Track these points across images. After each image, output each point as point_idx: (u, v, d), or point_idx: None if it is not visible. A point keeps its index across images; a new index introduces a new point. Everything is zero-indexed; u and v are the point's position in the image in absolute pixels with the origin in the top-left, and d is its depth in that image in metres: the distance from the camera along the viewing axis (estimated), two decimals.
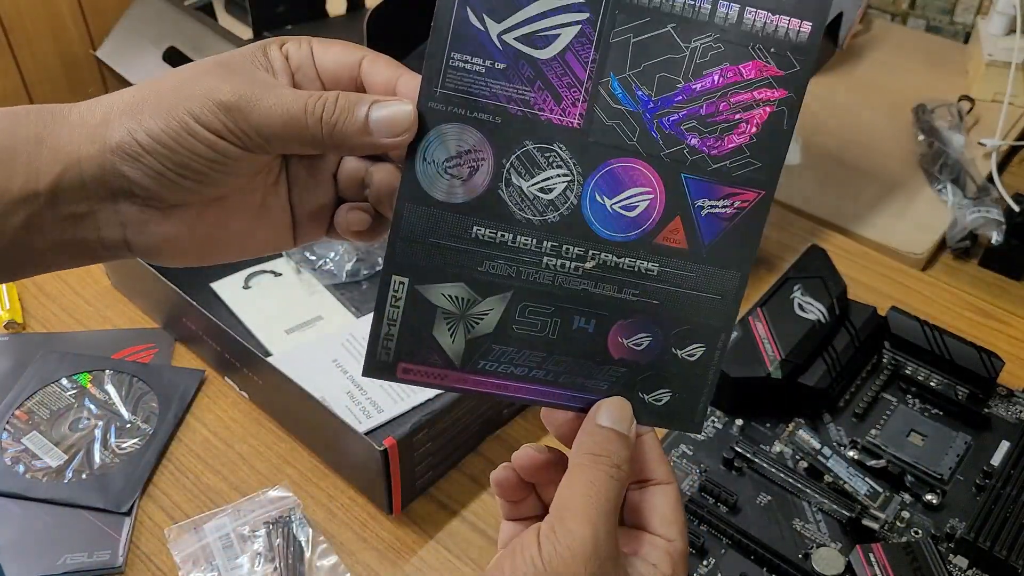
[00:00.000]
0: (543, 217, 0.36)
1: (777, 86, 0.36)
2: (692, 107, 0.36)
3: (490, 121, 0.35)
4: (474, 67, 0.35)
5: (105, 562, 0.59)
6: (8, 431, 0.66)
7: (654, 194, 0.36)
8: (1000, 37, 1.07)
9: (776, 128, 0.36)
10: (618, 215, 0.36)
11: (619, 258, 0.36)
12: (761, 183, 0.36)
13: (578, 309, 0.37)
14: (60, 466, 0.64)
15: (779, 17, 0.35)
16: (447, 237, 0.36)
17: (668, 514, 0.38)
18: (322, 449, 0.65)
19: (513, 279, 0.36)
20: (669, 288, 0.37)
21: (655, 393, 0.38)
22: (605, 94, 0.35)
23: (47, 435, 0.66)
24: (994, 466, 0.62)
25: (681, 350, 0.38)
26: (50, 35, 1.21)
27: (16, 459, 0.64)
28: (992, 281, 0.84)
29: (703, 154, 0.36)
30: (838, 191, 0.92)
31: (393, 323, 0.36)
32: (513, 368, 0.37)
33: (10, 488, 0.63)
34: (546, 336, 0.37)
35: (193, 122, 0.34)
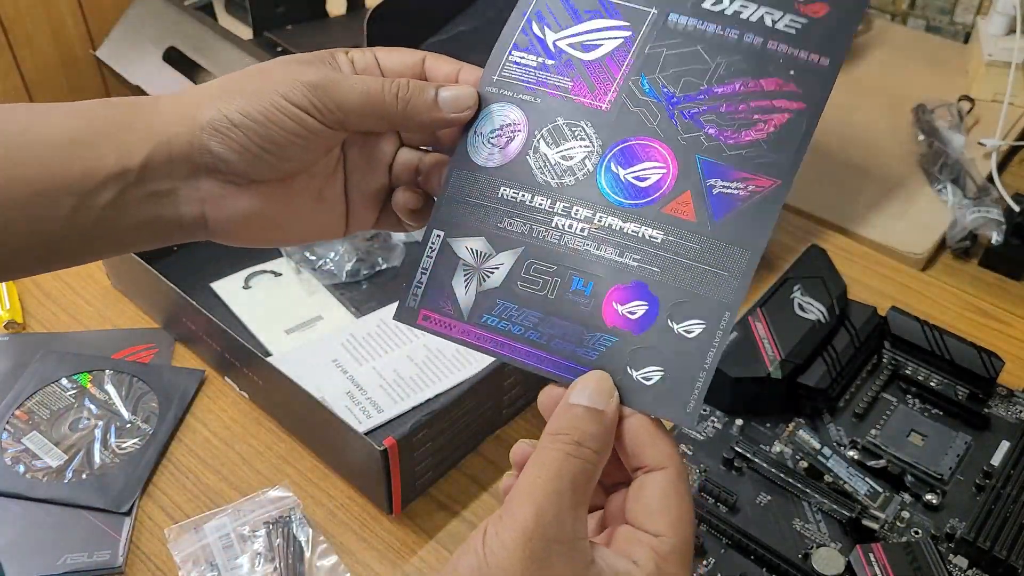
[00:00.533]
0: (560, 180, 0.39)
1: (796, 100, 0.38)
2: (713, 104, 0.38)
3: (531, 101, 0.41)
4: (527, 62, 0.41)
5: (105, 562, 0.59)
6: (8, 431, 0.66)
7: (667, 169, 0.38)
8: (1000, 37, 1.07)
9: (794, 129, 0.37)
10: (629, 184, 0.38)
11: (624, 222, 0.37)
12: (778, 173, 0.37)
13: (578, 270, 0.37)
14: (60, 466, 0.64)
15: (799, 51, 0.38)
16: (480, 196, 0.40)
17: (654, 504, 0.34)
18: (322, 449, 0.65)
19: (525, 236, 0.38)
20: (672, 257, 0.37)
21: (645, 370, 0.36)
22: (634, 88, 0.39)
23: (47, 435, 0.66)
24: (994, 466, 0.63)
25: (678, 324, 0.36)
26: (50, 35, 1.21)
27: (16, 459, 0.64)
28: (992, 281, 0.84)
29: (719, 142, 0.38)
30: (838, 191, 0.92)
31: (425, 272, 0.40)
32: (511, 326, 0.38)
33: (10, 488, 0.63)
34: (545, 295, 0.38)
35: (282, 99, 0.38)
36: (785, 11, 0.38)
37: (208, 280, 0.78)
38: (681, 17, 0.40)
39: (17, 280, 0.78)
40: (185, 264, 0.78)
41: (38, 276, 0.79)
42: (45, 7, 1.21)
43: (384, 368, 0.70)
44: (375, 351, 0.71)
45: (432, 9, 0.89)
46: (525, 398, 0.68)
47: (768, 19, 0.39)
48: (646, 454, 0.35)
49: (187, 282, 0.72)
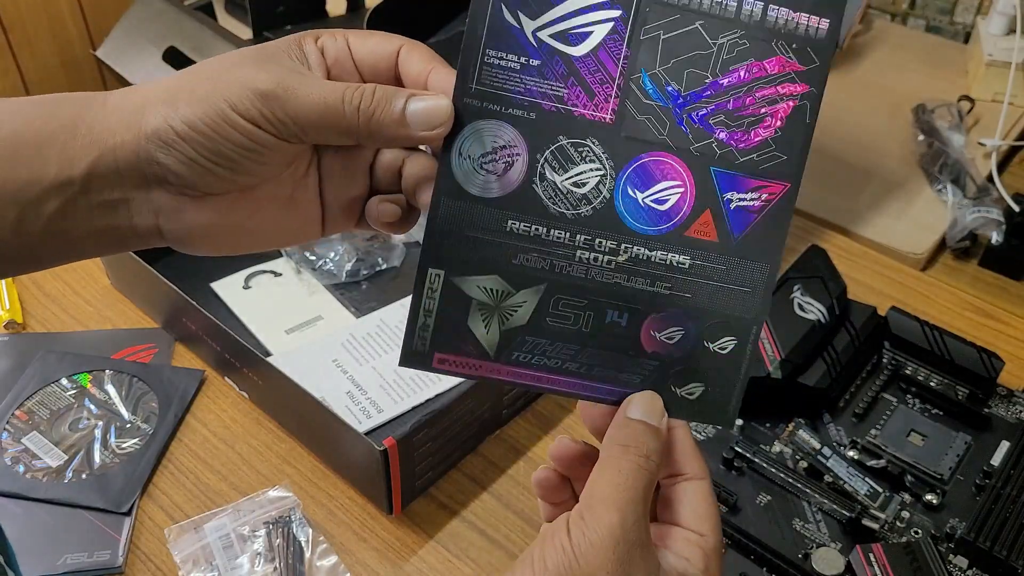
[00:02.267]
0: (576, 211, 0.36)
1: (799, 80, 0.37)
2: (720, 101, 0.36)
3: (524, 117, 0.36)
4: (508, 63, 0.36)
5: (105, 562, 0.59)
6: (8, 431, 0.66)
7: (684, 188, 0.37)
8: (1000, 37, 1.07)
9: (799, 121, 0.37)
10: (650, 208, 0.37)
11: (651, 251, 0.37)
12: (787, 175, 0.37)
13: (611, 303, 0.37)
14: (60, 466, 0.64)
15: (799, 14, 0.36)
16: (482, 231, 0.36)
17: (700, 509, 0.37)
18: (322, 449, 0.65)
19: (547, 272, 0.37)
20: (700, 281, 0.37)
21: (687, 387, 0.38)
22: (636, 89, 0.36)
23: (47, 435, 0.66)
24: (994, 466, 0.62)
25: (713, 343, 0.38)
26: (50, 35, 1.21)
27: (16, 459, 0.64)
28: (992, 281, 0.84)
29: (731, 147, 0.37)
30: (838, 191, 0.92)
31: (429, 314, 0.37)
32: (547, 360, 0.37)
33: (10, 488, 0.63)
34: (579, 329, 0.37)
35: (230, 110, 0.35)
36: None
37: (208, 280, 0.78)
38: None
39: (17, 280, 0.78)
40: (185, 264, 0.78)
41: (38, 276, 0.79)
42: (45, 7, 1.21)
43: (384, 368, 0.70)
44: (375, 351, 0.71)
45: (432, 9, 0.90)
46: (525, 398, 0.68)
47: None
48: (689, 464, 0.38)
49: (187, 282, 0.72)
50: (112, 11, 1.25)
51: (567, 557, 0.33)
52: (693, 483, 0.38)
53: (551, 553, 0.34)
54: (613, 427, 0.37)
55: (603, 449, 0.37)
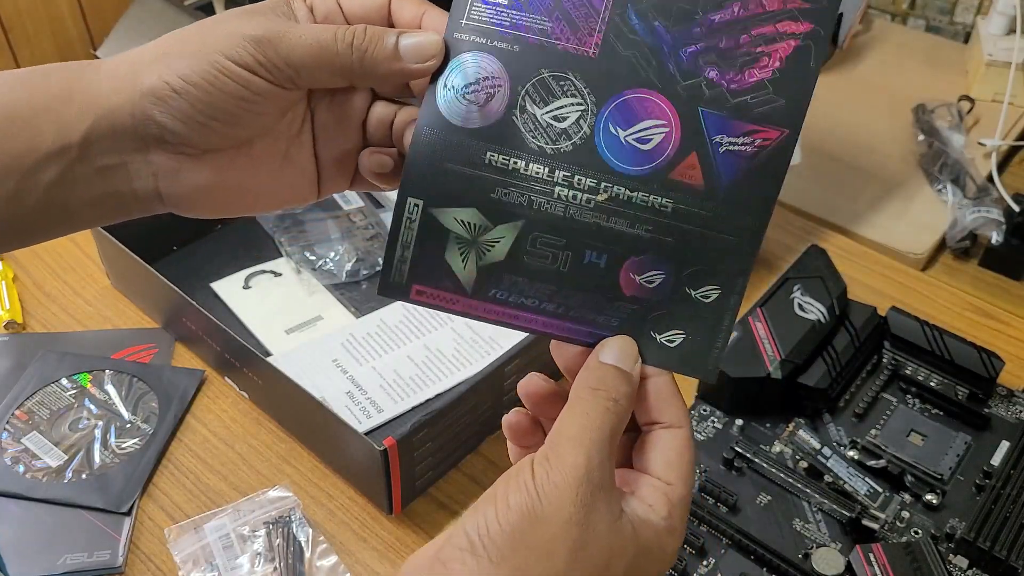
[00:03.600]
0: (556, 146, 0.36)
1: (802, 19, 0.34)
2: (711, 40, 0.35)
3: (508, 49, 0.36)
4: (497, 0, 0.36)
5: (105, 562, 0.59)
6: (8, 431, 0.66)
7: (670, 128, 0.35)
8: (1000, 37, 1.07)
9: (802, 63, 0.34)
10: (632, 147, 0.35)
11: (632, 192, 0.36)
12: (785, 122, 0.35)
13: (590, 243, 0.36)
14: (60, 466, 0.64)
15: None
16: (461, 162, 0.36)
17: (671, 457, 0.36)
18: (322, 449, 0.65)
19: (525, 208, 0.36)
20: (683, 226, 0.36)
21: (668, 333, 0.37)
22: (622, 24, 0.35)
23: (47, 435, 0.66)
24: (994, 466, 0.63)
25: (695, 290, 0.36)
26: (50, 35, 1.21)
27: (16, 459, 0.64)
28: (992, 281, 0.84)
29: (722, 88, 0.35)
30: (838, 191, 0.92)
31: (407, 246, 0.37)
32: (524, 299, 0.37)
33: (10, 488, 0.63)
34: (557, 268, 0.36)
35: (223, 59, 0.35)
36: None
37: (208, 280, 0.78)
38: None
39: (17, 280, 0.78)
40: (185, 264, 0.78)
41: (38, 276, 0.79)
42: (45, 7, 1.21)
43: (384, 368, 0.70)
44: (375, 351, 0.71)
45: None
46: None
47: None
48: (666, 412, 0.37)
49: (187, 282, 0.72)
50: (112, 11, 1.25)
51: (530, 497, 0.33)
52: (669, 431, 0.37)
53: (514, 492, 0.33)
54: (584, 369, 0.36)
55: (572, 391, 0.36)
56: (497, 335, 0.72)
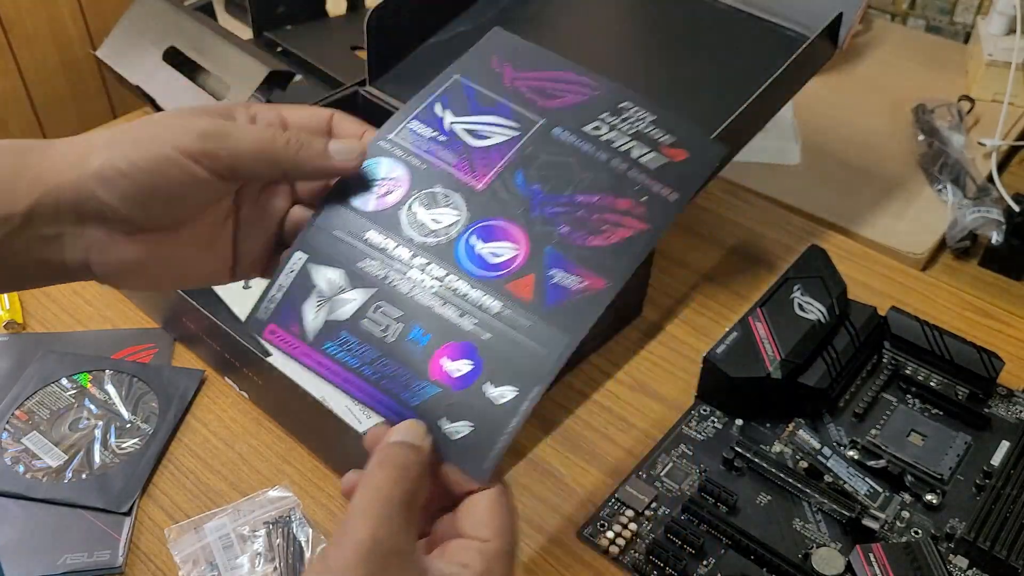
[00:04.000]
0: (424, 239, 0.43)
1: (642, 221, 0.43)
2: (572, 209, 0.44)
3: (417, 165, 0.45)
4: (422, 132, 0.46)
5: (105, 562, 0.59)
6: (8, 431, 0.66)
7: (519, 253, 0.42)
8: (1000, 37, 1.07)
9: (635, 245, 0.43)
10: (483, 257, 0.42)
11: (470, 288, 0.42)
12: (610, 276, 0.42)
13: (421, 321, 0.41)
14: (60, 466, 0.64)
15: (655, 181, 0.44)
16: (347, 233, 0.43)
17: (482, 516, 0.38)
18: (322, 449, 0.65)
19: (380, 279, 0.42)
20: (503, 327, 0.41)
21: (456, 424, 0.39)
22: (509, 178, 0.44)
23: (47, 435, 0.66)
24: (994, 466, 0.63)
25: (494, 388, 0.40)
26: (50, 35, 1.21)
27: (16, 459, 0.64)
28: (992, 281, 0.84)
29: (569, 241, 0.43)
30: (838, 191, 0.92)
31: (281, 288, 0.43)
32: (349, 357, 0.41)
33: (10, 488, 0.63)
34: (384, 337, 0.41)
35: (171, 148, 0.39)
36: (651, 149, 0.45)
37: None
38: (564, 132, 0.46)
39: None
40: None
41: None
42: (45, 7, 1.21)
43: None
44: None
45: (432, 9, 0.89)
46: None
47: (635, 152, 0.45)
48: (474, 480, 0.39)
49: None
50: (112, 11, 1.25)
51: (325, 570, 0.34)
52: (479, 495, 0.39)
53: (312, 570, 0.35)
54: (377, 450, 0.38)
55: (364, 472, 0.38)
56: None
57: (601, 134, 0.46)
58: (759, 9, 0.85)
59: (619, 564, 0.59)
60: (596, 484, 0.64)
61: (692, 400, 0.69)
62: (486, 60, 0.48)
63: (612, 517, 0.61)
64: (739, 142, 0.77)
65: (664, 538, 0.59)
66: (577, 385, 0.71)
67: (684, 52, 0.85)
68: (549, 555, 0.60)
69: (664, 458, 0.64)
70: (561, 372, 0.40)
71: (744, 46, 0.84)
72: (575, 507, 0.62)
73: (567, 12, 0.92)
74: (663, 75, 0.84)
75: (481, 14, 0.91)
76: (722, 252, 0.84)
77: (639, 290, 0.75)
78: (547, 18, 0.91)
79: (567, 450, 0.66)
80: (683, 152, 0.45)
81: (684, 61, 0.84)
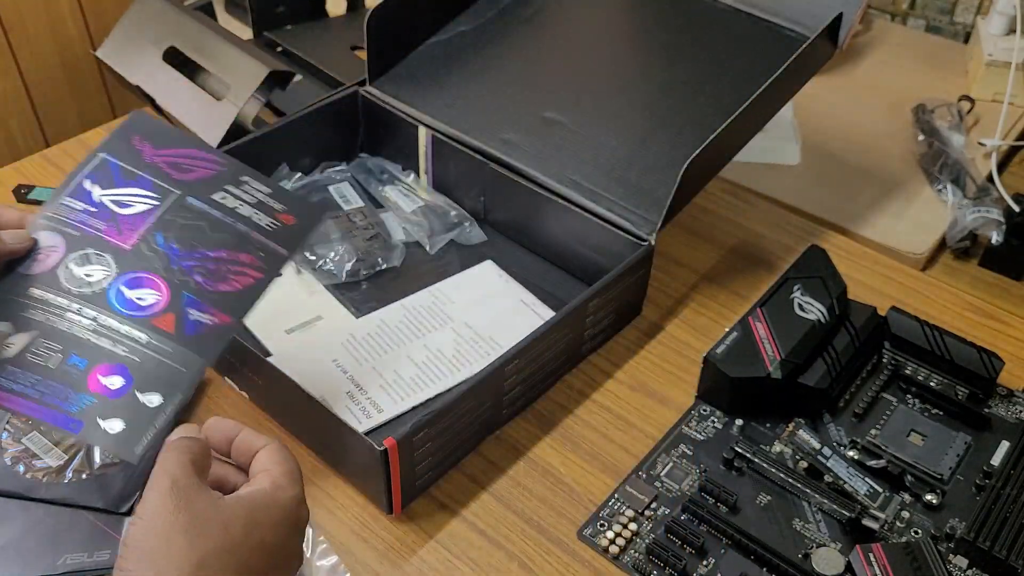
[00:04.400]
0: (80, 290, 0.52)
1: (259, 272, 0.56)
2: (203, 262, 0.55)
3: (71, 233, 0.54)
4: (75, 207, 0.55)
5: (105, 562, 0.59)
6: (8, 431, 0.66)
7: (161, 298, 0.53)
8: (1000, 37, 1.07)
9: (255, 290, 0.55)
10: (132, 300, 0.53)
11: (120, 324, 0.52)
12: (234, 314, 0.54)
13: (78, 350, 0.51)
14: (60, 466, 0.64)
15: (271, 241, 0.57)
16: (13, 293, 0.52)
17: (263, 458, 0.48)
18: (322, 449, 0.65)
19: (42, 323, 0.51)
20: (150, 353, 0.51)
21: (110, 421, 0.49)
22: (151, 239, 0.55)
23: (47, 435, 0.66)
24: (994, 466, 0.63)
25: (143, 395, 0.50)
26: (50, 35, 1.21)
27: (16, 459, 0.64)
28: (992, 281, 0.84)
29: (203, 287, 0.54)
30: (838, 191, 0.92)
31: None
32: (14, 384, 0.49)
33: (10, 488, 0.63)
34: (46, 365, 0.50)
35: None
36: (267, 215, 0.58)
37: None
38: (196, 201, 0.57)
39: None
40: None
41: None
42: (45, 7, 1.21)
43: (384, 368, 0.70)
44: (375, 351, 0.71)
45: (432, 9, 0.90)
46: (525, 398, 0.68)
47: (255, 218, 0.57)
48: (254, 444, 0.48)
49: None
50: (112, 11, 1.26)
51: (129, 546, 0.42)
52: (260, 451, 0.48)
53: (127, 547, 0.43)
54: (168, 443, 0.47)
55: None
56: (497, 335, 0.72)
57: (227, 203, 0.57)
58: (759, 9, 0.85)
59: (619, 564, 0.59)
60: (596, 484, 0.64)
61: (692, 400, 0.69)
62: (128, 140, 0.58)
63: (612, 517, 0.61)
64: (739, 142, 0.77)
65: (664, 538, 0.59)
66: (577, 385, 0.71)
67: (684, 52, 0.86)
68: (549, 555, 0.60)
69: (664, 458, 0.64)
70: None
71: (744, 46, 0.84)
72: (575, 507, 0.62)
73: (567, 12, 0.92)
74: (663, 75, 0.84)
75: (481, 14, 0.91)
76: (722, 252, 0.84)
77: (639, 290, 0.75)
78: (546, 18, 0.91)
79: (567, 450, 0.66)
80: (292, 218, 0.58)
81: (684, 61, 0.84)
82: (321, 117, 0.85)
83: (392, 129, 0.86)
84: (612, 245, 0.73)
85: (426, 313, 0.74)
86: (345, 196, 0.85)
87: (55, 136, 1.26)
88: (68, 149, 0.95)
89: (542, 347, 0.65)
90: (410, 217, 0.83)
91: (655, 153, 0.77)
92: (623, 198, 0.75)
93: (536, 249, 0.81)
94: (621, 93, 0.83)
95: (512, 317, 0.74)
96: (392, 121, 0.85)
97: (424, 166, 0.86)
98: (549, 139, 0.80)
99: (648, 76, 0.85)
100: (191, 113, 0.89)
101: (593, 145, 0.79)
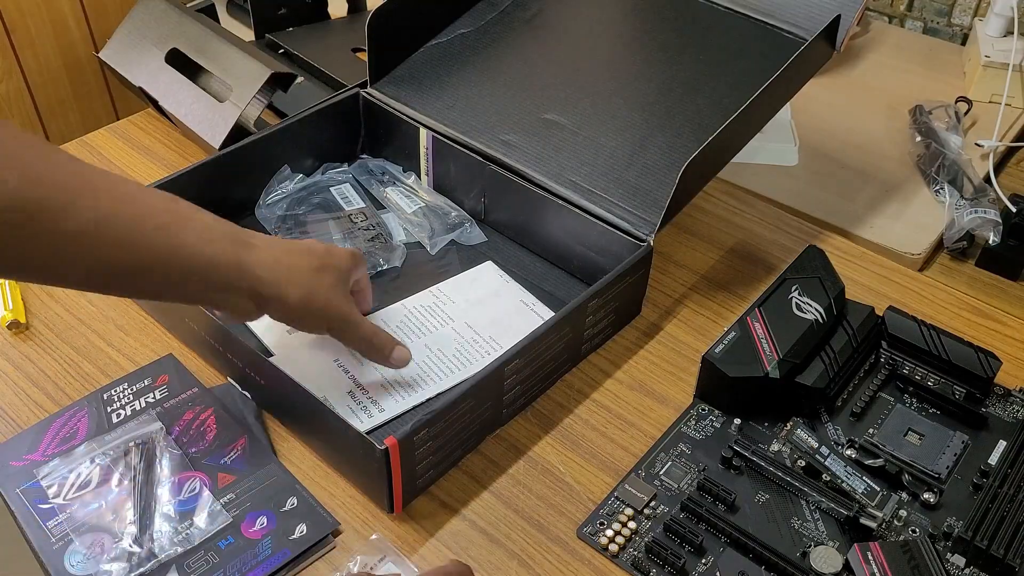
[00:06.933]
0: None
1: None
2: None
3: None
4: None
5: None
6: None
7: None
8: (997, 39, 1.08)
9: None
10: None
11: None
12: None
13: None
14: None
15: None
16: None
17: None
18: (323, 449, 0.65)
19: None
20: None
21: None
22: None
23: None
24: (991, 465, 0.63)
25: None
26: (53, 37, 1.22)
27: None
28: (989, 281, 0.84)
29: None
30: (836, 192, 0.93)
31: None
32: None
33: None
34: None
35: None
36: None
37: None
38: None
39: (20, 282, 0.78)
40: None
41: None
42: (48, 9, 1.21)
43: (384, 368, 0.70)
44: None
45: (433, 11, 0.90)
46: (525, 398, 0.68)
47: None
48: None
49: None
50: (114, 13, 1.26)
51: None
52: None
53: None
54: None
55: None
56: (497, 335, 0.72)
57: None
58: (758, 11, 0.86)
59: (618, 562, 0.59)
60: (595, 483, 0.64)
61: (691, 399, 0.69)
62: None
63: (611, 515, 0.61)
64: (738, 143, 0.78)
65: (663, 536, 0.59)
66: (577, 384, 0.71)
67: (684, 53, 0.86)
68: (549, 553, 0.60)
69: (663, 457, 0.65)
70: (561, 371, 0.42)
71: (743, 48, 0.84)
72: (574, 505, 0.63)
73: (566, 14, 0.92)
74: (662, 77, 0.85)
75: (481, 16, 0.91)
76: (721, 252, 0.84)
77: (638, 290, 0.75)
78: (546, 20, 0.92)
79: (567, 449, 0.66)
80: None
81: (684, 62, 0.85)
82: (323, 119, 0.86)
83: (393, 130, 0.86)
84: (611, 246, 0.73)
85: (427, 313, 0.75)
86: (346, 197, 0.85)
87: (57, 138, 1.26)
88: (70, 150, 0.96)
89: (542, 347, 0.66)
90: (411, 218, 0.84)
91: (654, 154, 0.78)
92: (622, 199, 0.75)
93: (536, 249, 0.81)
94: (620, 94, 0.84)
95: (512, 317, 0.74)
96: (393, 122, 0.85)
97: (425, 167, 0.86)
98: (549, 140, 0.80)
99: (647, 78, 0.85)
100: (193, 115, 0.89)
101: (593, 146, 0.79)
